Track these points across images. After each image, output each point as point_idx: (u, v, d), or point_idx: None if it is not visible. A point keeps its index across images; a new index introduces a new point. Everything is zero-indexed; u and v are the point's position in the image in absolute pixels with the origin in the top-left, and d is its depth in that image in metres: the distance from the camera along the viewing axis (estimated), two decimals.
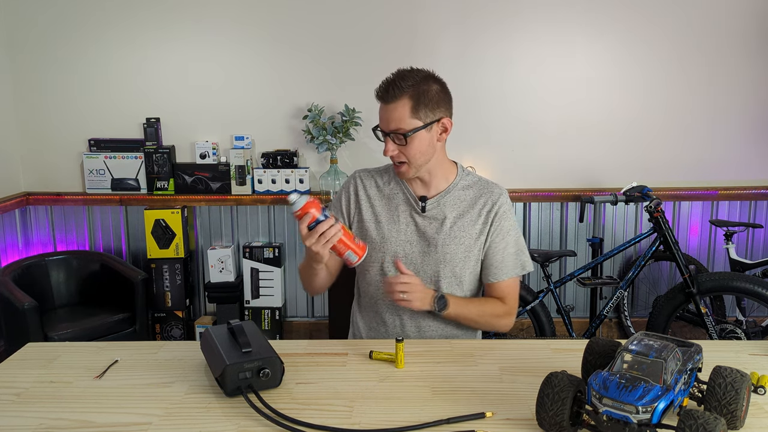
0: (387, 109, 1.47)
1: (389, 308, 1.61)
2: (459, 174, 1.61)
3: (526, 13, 3.24)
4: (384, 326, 1.62)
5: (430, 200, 1.57)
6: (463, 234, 1.56)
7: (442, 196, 1.57)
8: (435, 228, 1.56)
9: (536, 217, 3.43)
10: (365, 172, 1.67)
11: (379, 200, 1.61)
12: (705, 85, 3.29)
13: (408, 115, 1.46)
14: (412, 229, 1.57)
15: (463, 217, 1.57)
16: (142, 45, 3.29)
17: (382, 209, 1.60)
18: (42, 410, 1.13)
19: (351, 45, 3.27)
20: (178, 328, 3.35)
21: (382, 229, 1.58)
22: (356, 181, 1.66)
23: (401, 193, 1.60)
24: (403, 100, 1.45)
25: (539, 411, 0.99)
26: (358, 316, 1.70)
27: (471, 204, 1.57)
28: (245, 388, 1.14)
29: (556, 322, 3.14)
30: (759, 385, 1.15)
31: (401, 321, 1.60)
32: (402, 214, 1.58)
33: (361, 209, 1.62)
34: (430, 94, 1.48)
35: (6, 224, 3.26)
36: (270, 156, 3.31)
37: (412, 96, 1.45)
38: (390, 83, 1.47)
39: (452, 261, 1.56)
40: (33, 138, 3.38)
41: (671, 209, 3.40)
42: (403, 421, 1.07)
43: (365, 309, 1.67)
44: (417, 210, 1.57)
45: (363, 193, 1.63)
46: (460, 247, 1.56)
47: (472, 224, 1.57)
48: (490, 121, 3.34)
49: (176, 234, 3.28)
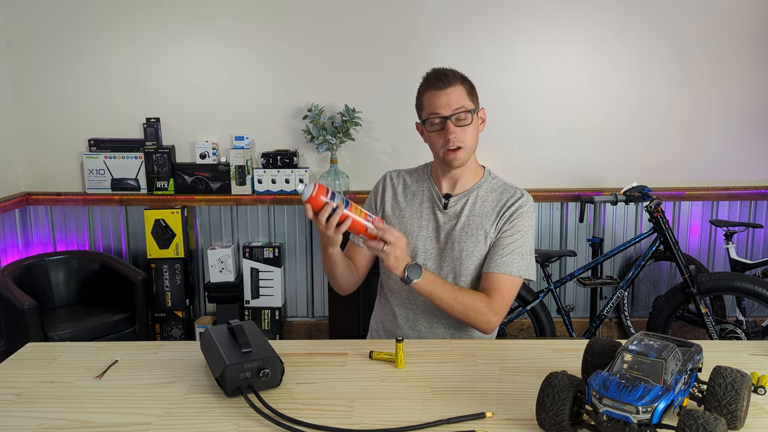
0: (446, 93, 1.51)
1: (402, 305, 1.62)
2: (485, 176, 1.65)
3: (526, 13, 3.23)
4: (395, 321, 1.63)
5: (453, 197, 1.60)
6: (480, 232, 1.57)
7: (465, 194, 1.60)
8: (452, 224, 1.58)
9: (536, 217, 3.42)
10: (395, 172, 1.72)
11: (404, 197, 1.65)
12: (705, 85, 3.29)
13: (466, 96, 1.53)
14: (433, 226, 1.60)
15: (481, 216, 1.58)
16: (142, 45, 3.29)
17: (407, 205, 1.63)
18: (42, 410, 1.13)
19: (351, 45, 3.27)
20: (178, 328, 3.35)
21: (404, 224, 1.62)
22: (385, 180, 1.70)
23: (427, 191, 1.63)
24: (459, 85, 1.53)
25: (539, 411, 0.99)
26: (378, 308, 1.71)
27: (492, 206, 1.59)
28: (245, 388, 1.14)
29: (556, 322, 3.14)
30: (759, 385, 1.15)
31: (414, 317, 1.61)
32: (425, 210, 1.62)
33: (386, 206, 1.66)
34: (472, 84, 1.58)
35: (6, 224, 3.26)
36: (270, 156, 3.30)
37: (464, 81, 1.55)
38: (442, 72, 1.54)
39: (470, 257, 1.56)
40: (33, 138, 3.38)
41: (671, 209, 3.40)
42: (403, 421, 1.07)
43: (383, 303, 1.69)
44: (440, 207, 1.60)
45: (390, 191, 1.67)
46: (477, 245, 1.56)
47: (490, 222, 1.57)
48: (489, 120, 3.30)
49: (176, 234, 3.28)
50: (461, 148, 1.53)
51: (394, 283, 1.63)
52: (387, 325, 1.66)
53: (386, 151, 3.35)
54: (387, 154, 3.35)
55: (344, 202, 1.34)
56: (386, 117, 3.31)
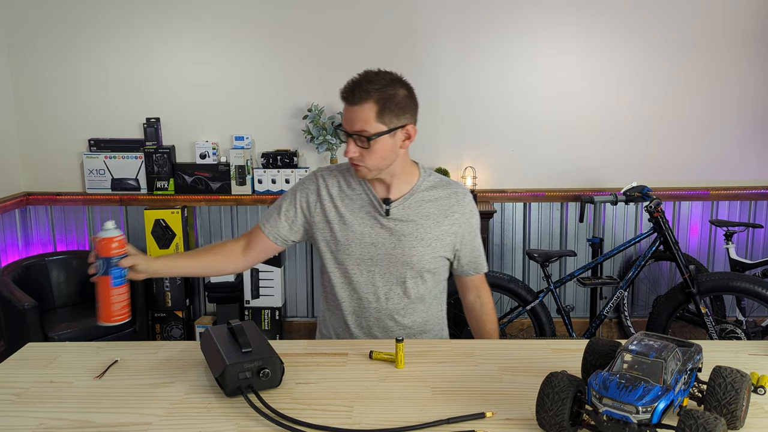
0: (352, 111, 1.43)
1: (353, 312, 1.60)
2: (422, 175, 1.58)
3: (526, 13, 3.24)
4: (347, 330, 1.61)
5: (394, 203, 1.54)
6: (429, 235, 1.54)
7: (406, 198, 1.55)
8: (401, 230, 1.53)
9: (536, 217, 3.43)
10: (327, 170, 1.62)
11: (341, 201, 1.57)
12: (705, 85, 3.29)
13: (373, 119, 1.42)
14: (377, 232, 1.54)
15: (429, 218, 1.55)
16: (142, 45, 3.29)
17: (346, 210, 1.56)
18: (42, 410, 1.13)
19: (351, 45, 3.27)
20: (178, 328, 3.35)
21: (347, 230, 1.55)
22: (319, 180, 1.60)
23: (365, 195, 1.56)
24: (369, 104, 1.41)
25: (539, 411, 0.99)
26: (327, 315, 1.67)
27: (437, 205, 1.56)
28: (245, 388, 1.14)
29: (556, 322, 3.14)
30: (759, 385, 1.15)
31: (367, 324, 1.59)
32: (366, 216, 1.55)
33: (325, 210, 1.57)
34: (397, 99, 1.43)
35: (6, 224, 3.26)
36: (270, 156, 3.30)
37: (378, 100, 1.41)
38: (356, 85, 1.42)
39: (419, 262, 1.54)
40: (33, 138, 3.38)
41: (671, 209, 3.40)
42: (403, 421, 1.07)
43: (332, 311, 1.65)
44: (381, 213, 1.54)
45: (326, 193, 1.58)
46: (427, 248, 1.54)
47: (439, 225, 1.55)
48: (489, 121, 3.34)
49: (176, 234, 3.28)
50: (363, 166, 1.48)
51: (342, 292, 1.59)
52: (340, 333, 1.63)
53: None
54: None
55: (114, 268, 1.33)
56: None
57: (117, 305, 1.35)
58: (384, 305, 1.57)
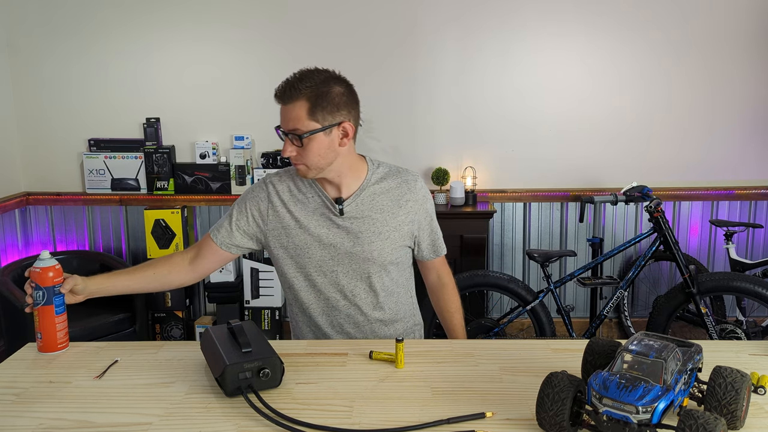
0: (286, 109, 1.45)
1: (323, 313, 1.59)
2: (370, 169, 1.57)
3: (526, 13, 3.24)
4: (320, 330, 1.60)
5: (346, 201, 1.52)
6: (386, 228, 1.54)
7: (357, 195, 1.53)
8: (357, 227, 1.52)
9: (536, 217, 3.43)
10: (276, 176, 1.60)
11: (294, 205, 1.55)
12: (705, 85, 3.29)
13: (305, 117, 1.42)
14: (334, 232, 1.53)
15: (383, 211, 1.54)
16: (142, 45, 3.29)
17: (301, 214, 1.54)
18: (42, 410, 1.13)
19: (350, 45, 3.27)
20: (178, 328, 3.35)
21: (304, 234, 1.54)
22: (268, 186, 1.58)
23: (317, 197, 1.54)
24: (300, 102, 1.42)
25: (539, 411, 0.99)
26: (299, 318, 1.65)
27: (389, 196, 1.55)
28: (245, 388, 1.14)
29: (556, 322, 3.14)
30: (759, 385, 1.15)
31: (338, 322, 1.59)
32: (321, 218, 1.53)
33: (279, 215, 1.55)
34: (330, 97, 1.43)
35: (6, 224, 3.26)
36: (270, 156, 3.30)
37: (310, 98, 1.42)
38: (288, 84, 1.44)
39: (381, 256, 1.53)
40: (33, 138, 3.38)
41: (671, 209, 3.40)
42: (403, 421, 1.07)
43: (301, 314, 1.63)
44: (335, 213, 1.52)
45: (277, 199, 1.56)
46: (386, 241, 1.53)
47: (394, 216, 1.55)
48: (489, 120, 3.34)
49: (176, 234, 3.28)
50: (301, 164, 1.47)
51: (307, 295, 1.58)
52: (314, 334, 1.62)
53: (386, 151, 3.35)
54: (387, 154, 3.35)
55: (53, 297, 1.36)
56: (386, 117, 3.30)
57: (61, 332, 1.38)
58: (352, 302, 1.57)
